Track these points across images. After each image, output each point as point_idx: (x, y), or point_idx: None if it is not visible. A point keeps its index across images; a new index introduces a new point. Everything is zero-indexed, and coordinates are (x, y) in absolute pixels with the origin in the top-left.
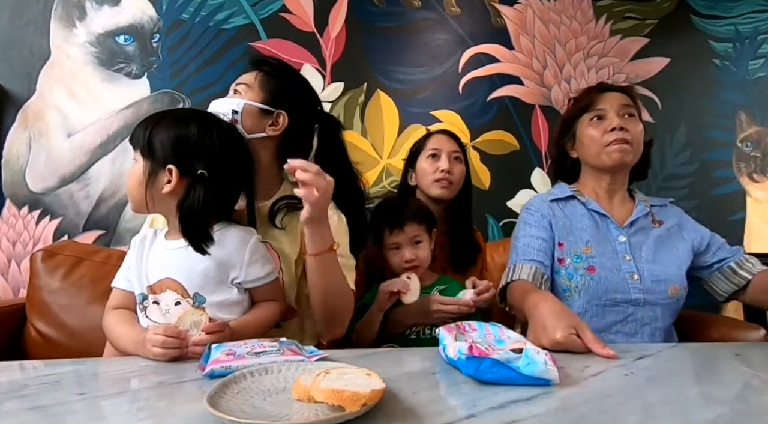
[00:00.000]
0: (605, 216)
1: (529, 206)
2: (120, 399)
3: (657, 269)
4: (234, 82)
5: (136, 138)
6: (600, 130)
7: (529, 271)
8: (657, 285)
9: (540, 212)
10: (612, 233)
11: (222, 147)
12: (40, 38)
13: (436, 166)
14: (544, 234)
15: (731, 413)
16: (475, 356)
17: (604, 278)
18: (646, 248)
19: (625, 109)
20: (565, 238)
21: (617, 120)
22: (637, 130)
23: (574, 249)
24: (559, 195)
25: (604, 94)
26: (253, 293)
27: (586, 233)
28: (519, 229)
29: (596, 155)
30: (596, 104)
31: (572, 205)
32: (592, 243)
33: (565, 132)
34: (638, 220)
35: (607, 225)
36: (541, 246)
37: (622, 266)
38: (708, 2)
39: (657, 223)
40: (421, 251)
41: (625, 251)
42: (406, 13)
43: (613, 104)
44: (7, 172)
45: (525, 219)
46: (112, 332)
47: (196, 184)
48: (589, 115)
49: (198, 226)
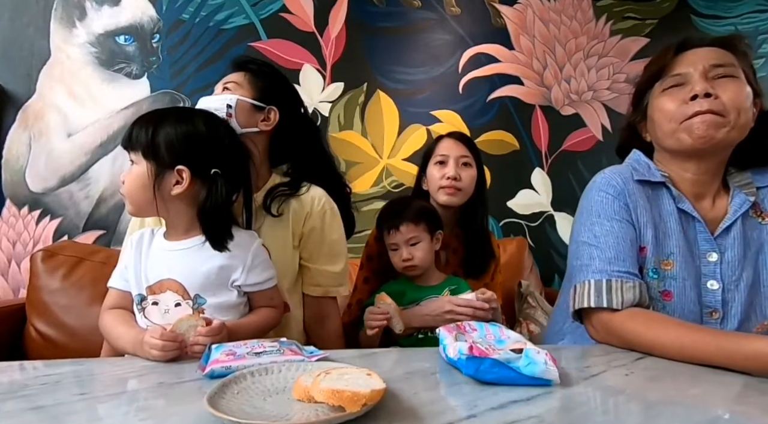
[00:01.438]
0: (695, 219)
1: (604, 186)
2: (120, 399)
3: (752, 299)
4: (221, 82)
5: (136, 140)
6: (677, 99)
7: (634, 294)
8: (745, 323)
9: (624, 198)
10: (700, 246)
11: (230, 144)
12: (40, 38)
13: (443, 173)
14: (632, 233)
15: (731, 413)
16: (476, 357)
17: (679, 309)
18: (747, 267)
19: (716, 70)
20: (649, 241)
21: (702, 84)
22: (736, 94)
23: (655, 259)
24: (647, 176)
25: (685, 54)
26: (251, 297)
27: (672, 240)
28: (593, 222)
29: (671, 134)
30: (672, 68)
31: (659, 195)
32: (677, 257)
33: (636, 107)
34: (736, 223)
35: (696, 233)
36: (631, 250)
37: (704, 297)
38: (708, 2)
39: (766, 216)
40: (418, 251)
41: (712, 275)
42: (406, 13)
43: (697, 64)
44: (7, 172)
45: (602, 207)
46: (110, 333)
47: (214, 183)
48: (663, 83)
49: (222, 224)
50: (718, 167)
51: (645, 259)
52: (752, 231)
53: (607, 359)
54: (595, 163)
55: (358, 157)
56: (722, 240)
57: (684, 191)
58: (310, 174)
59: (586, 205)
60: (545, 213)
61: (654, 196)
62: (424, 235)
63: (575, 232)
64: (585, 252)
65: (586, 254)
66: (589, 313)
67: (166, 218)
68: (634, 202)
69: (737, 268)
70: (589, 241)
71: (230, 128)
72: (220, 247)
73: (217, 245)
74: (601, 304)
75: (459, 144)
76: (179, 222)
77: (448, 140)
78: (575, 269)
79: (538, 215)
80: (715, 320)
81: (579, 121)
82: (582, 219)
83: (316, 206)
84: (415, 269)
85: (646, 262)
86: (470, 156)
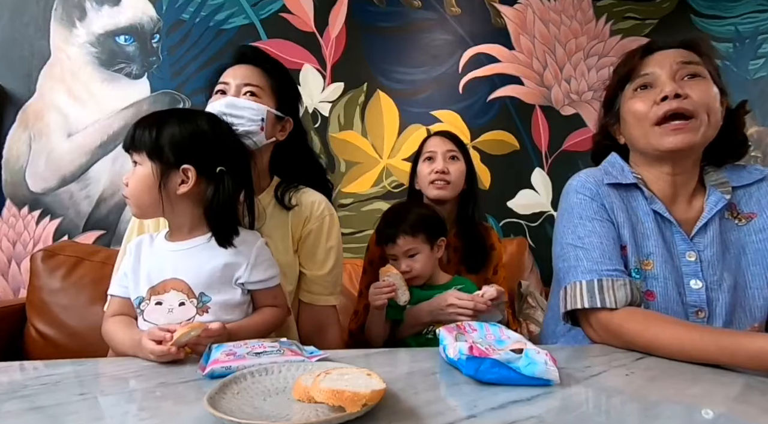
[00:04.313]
0: (669, 222)
1: (580, 188)
2: (120, 399)
3: (737, 300)
4: (239, 79)
5: (140, 141)
6: (647, 101)
7: (626, 291)
8: (732, 323)
9: (600, 199)
10: (678, 246)
11: (233, 143)
12: (40, 38)
13: (432, 168)
14: (614, 232)
15: (731, 413)
16: (476, 357)
17: (663, 309)
18: (727, 267)
19: (684, 69)
20: (628, 240)
21: (671, 85)
22: (705, 93)
23: (636, 259)
24: (619, 179)
25: (652, 56)
26: (255, 296)
27: (649, 240)
28: (575, 223)
29: (643, 137)
30: (640, 69)
31: (634, 197)
32: (656, 257)
33: (607, 110)
34: (712, 221)
35: (672, 234)
36: (615, 249)
37: (688, 296)
38: (708, 2)
39: (743, 218)
40: (416, 263)
41: (694, 274)
42: (406, 13)
43: (664, 65)
44: (7, 172)
45: (582, 208)
46: (113, 339)
47: (221, 181)
48: (632, 85)
49: (229, 221)
50: (693, 166)
51: (627, 258)
52: (730, 233)
53: (607, 359)
54: None
55: (358, 157)
56: (700, 239)
57: (659, 192)
58: (305, 177)
59: (566, 207)
60: (545, 213)
61: (628, 197)
62: (422, 246)
63: (559, 234)
64: (571, 254)
65: (572, 255)
66: (585, 314)
67: (171, 218)
68: (610, 203)
69: (717, 267)
70: (574, 242)
71: (230, 127)
72: (227, 243)
73: (224, 241)
74: (595, 304)
75: (445, 140)
76: (184, 222)
77: (435, 138)
78: (563, 272)
79: (538, 215)
80: (701, 318)
81: (579, 121)
82: (564, 221)
83: (315, 211)
84: (415, 280)
85: (628, 262)
86: (457, 150)
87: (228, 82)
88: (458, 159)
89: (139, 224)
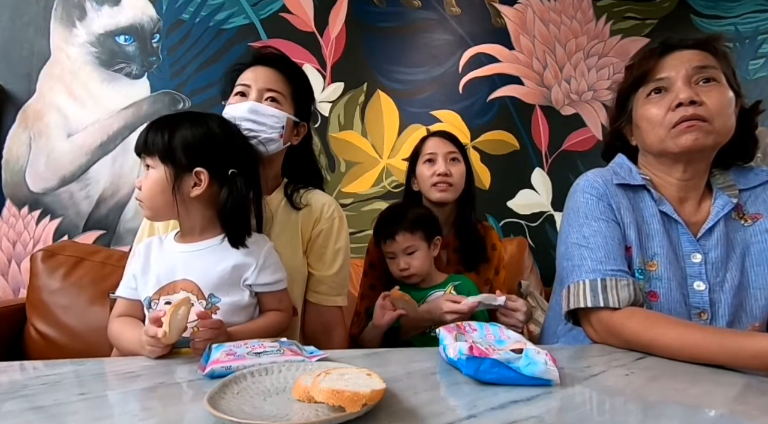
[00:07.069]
0: (677, 222)
1: (587, 188)
2: (120, 399)
3: (739, 301)
4: (260, 83)
5: (152, 144)
6: (662, 107)
7: (629, 292)
8: (734, 324)
9: (607, 199)
10: (684, 248)
11: (243, 145)
12: (40, 38)
13: (433, 170)
14: (619, 232)
15: (731, 413)
16: (476, 357)
17: (666, 311)
18: (731, 268)
19: (699, 73)
20: (633, 241)
21: (686, 91)
22: (720, 100)
23: (640, 260)
24: (627, 180)
25: (667, 58)
26: (261, 299)
27: (655, 241)
28: (581, 223)
29: (659, 142)
30: (655, 72)
31: (641, 198)
32: (661, 258)
33: (620, 112)
34: (719, 224)
35: (679, 235)
36: (620, 249)
37: (691, 297)
38: (708, 2)
39: (749, 218)
40: (415, 261)
41: (698, 276)
42: (406, 13)
43: (680, 69)
44: (7, 172)
45: (588, 208)
46: (119, 339)
47: (233, 183)
48: (647, 88)
49: (242, 222)
50: (704, 170)
51: (631, 259)
52: (735, 233)
53: (607, 359)
54: (595, 163)
55: (358, 157)
56: (705, 241)
57: (668, 195)
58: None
59: (572, 206)
60: (545, 213)
61: (636, 198)
62: (420, 243)
63: (563, 234)
64: (575, 253)
65: (576, 254)
66: (586, 313)
67: (184, 220)
68: (617, 203)
69: (721, 269)
70: (579, 242)
71: (239, 130)
72: (241, 244)
73: (238, 242)
74: (598, 303)
75: (445, 141)
76: (195, 224)
77: (434, 139)
78: (566, 270)
79: (538, 215)
80: (704, 320)
81: (579, 121)
82: (569, 221)
83: (326, 212)
84: (412, 277)
85: (632, 262)
86: (457, 152)
87: (249, 85)
88: (459, 161)
89: (150, 226)
